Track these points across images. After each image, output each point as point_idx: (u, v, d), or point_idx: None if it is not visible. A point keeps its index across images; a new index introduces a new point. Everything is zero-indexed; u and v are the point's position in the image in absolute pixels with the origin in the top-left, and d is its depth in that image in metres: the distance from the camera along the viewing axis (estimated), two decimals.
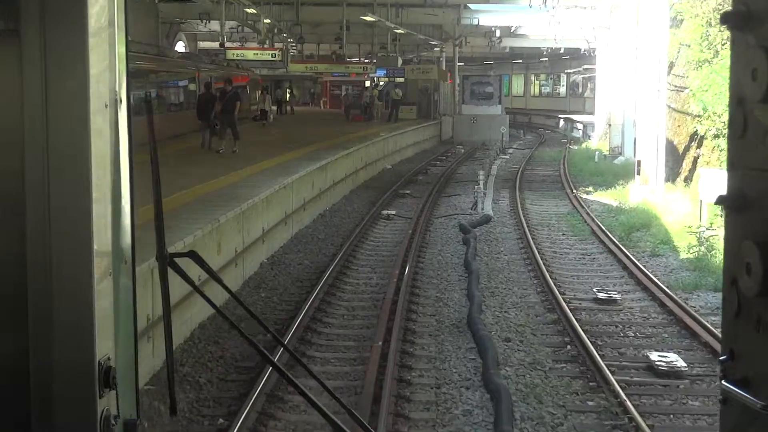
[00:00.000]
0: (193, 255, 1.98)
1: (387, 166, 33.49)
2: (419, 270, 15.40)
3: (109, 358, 1.78)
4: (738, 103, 1.50)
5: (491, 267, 15.71)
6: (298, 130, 36.11)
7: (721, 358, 1.57)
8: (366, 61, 55.72)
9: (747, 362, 1.50)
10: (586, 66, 56.31)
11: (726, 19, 1.50)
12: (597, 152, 35.92)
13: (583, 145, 45.80)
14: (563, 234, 19.51)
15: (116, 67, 1.83)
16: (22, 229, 1.71)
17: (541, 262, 15.77)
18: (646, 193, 23.11)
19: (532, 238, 18.26)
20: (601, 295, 13.21)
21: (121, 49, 1.84)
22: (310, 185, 20.36)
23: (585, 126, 54.04)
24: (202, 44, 57.36)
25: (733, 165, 1.53)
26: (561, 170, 33.35)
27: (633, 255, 16.28)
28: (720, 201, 1.54)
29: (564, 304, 12.64)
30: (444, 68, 57.06)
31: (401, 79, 56.83)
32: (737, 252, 1.48)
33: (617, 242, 17.58)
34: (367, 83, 66.98)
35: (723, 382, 1.54)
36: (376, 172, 31.49)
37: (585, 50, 58.09)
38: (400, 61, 44.29)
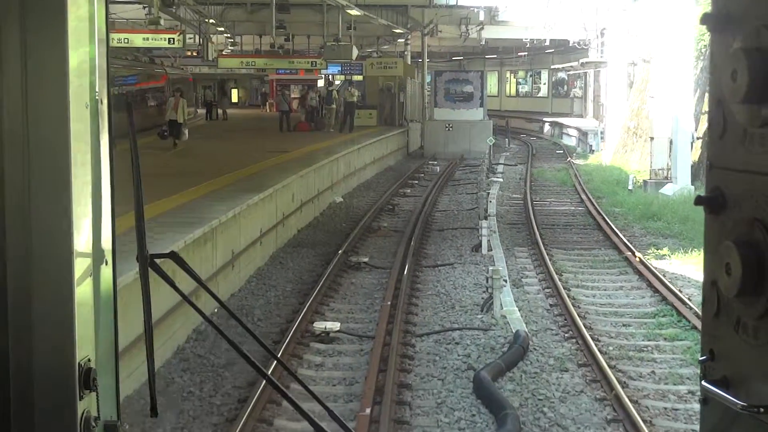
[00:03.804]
0: (173, 256, 1.96)
1: (336, 200, 23.18)
2: None
3: (89, 360, 1.76)
4: (718, 103, 1.52)
5: None
6: (213, 149, 25.57)
7: (701, 358, 1.57)
8: (315, 55, 45.35)
9: (727, 362, 1.50)
10: (583, 60, 46.24)
11: (706, 20, 1.53)
12: (630, 176, 25.70)
13: (591, 161, 35.74)
14: (693, 396, 9.25)
15: (96, 67, 1.82)
16: (2, 230, 1.68)
17: None
18: None
19: None
20: None
21: (101, 49, 1.83)
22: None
23: (584, 133, 44.03)
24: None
25: (712, 166, 1.54)
26: (586, 203, 23.19)
27: None
28: (699, 201, 1.55)
29: None
30: (410, 64, 46.87)
31: (360, 77, 46.83)
32: (717, 253, 1.48)
33: None
34: (320, 82, 56.92)
35: (703, 382, 1.54)
36: (320, 211, 21.16)
37: (576, 42, 48.46)
38: (355, 52, 33.94)
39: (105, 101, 1.85)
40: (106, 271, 1.87)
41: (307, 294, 13.11)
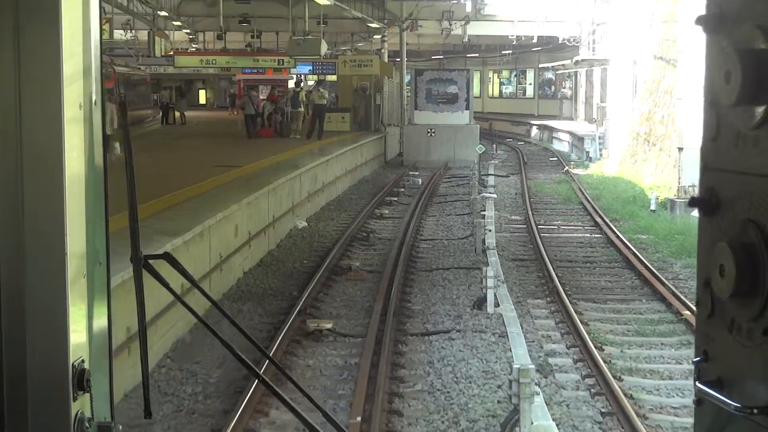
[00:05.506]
0: (167, 257, 1.97)
1: (299, 225, 18.92)
2: None
3: (83, 361, 1.74)
4: (711, 105, 1.50)
5: None
6: (146, 164, 21.13)
7: (694, 359, 1.55)
8: (283, 52, 41.05)
9: (721, 364, 1.49)
10: (577, 58, 42.19)
11: (700, 21, 1.50)
12: (653, 194, 21.55)
13: (593, 171, 31.64)
14: None
15: (90, 68, 1.81)
16: None
17: None
18: None
19: None
20: None
21: (95, 50, 1.82)
22: None
23: (579, 139, 39.93)
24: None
25: (706, 167, 1.53)
26: (602, 227, 19.07)
27: None
28: (693, 203, 1.53)
29: None
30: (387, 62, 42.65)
31: (333, 77, 42.77)
32: (711, 254, 1.47)
33: None
34: (291, 83, 52.68)
35: (697, 383, 1.52)
36: (276, 242, 16.90)
37: (566, 39, 44.55)
38: (324, 47, 29.65)
39: (98, 102, 1.83)
40: (100, 272, 1.85)
41: (241, 391, 8.85)
